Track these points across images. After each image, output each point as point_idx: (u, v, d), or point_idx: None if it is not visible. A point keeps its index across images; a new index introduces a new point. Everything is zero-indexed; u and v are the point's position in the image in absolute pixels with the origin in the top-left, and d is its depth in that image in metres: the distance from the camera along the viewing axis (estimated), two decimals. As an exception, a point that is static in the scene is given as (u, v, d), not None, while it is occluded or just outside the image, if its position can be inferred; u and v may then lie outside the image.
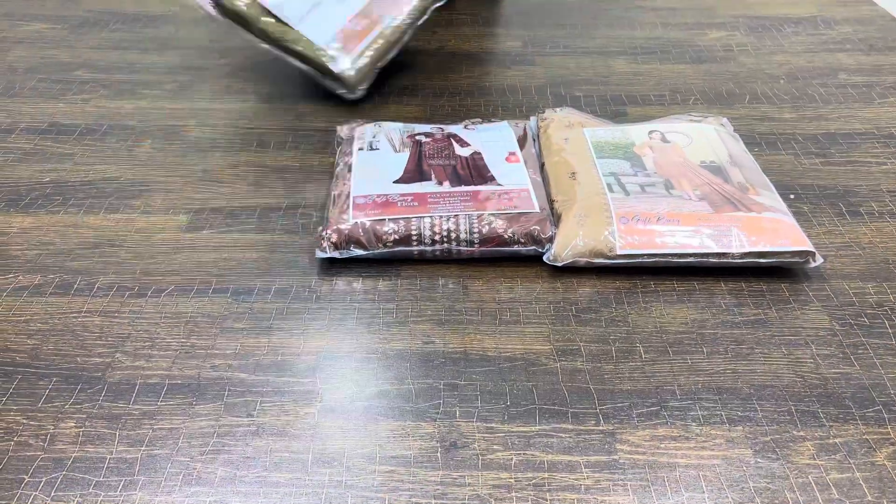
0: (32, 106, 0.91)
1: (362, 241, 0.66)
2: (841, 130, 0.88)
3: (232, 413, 0.54)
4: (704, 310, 0.63)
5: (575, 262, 0.65)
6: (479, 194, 0.70)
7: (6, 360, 0.57)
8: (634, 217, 0.66)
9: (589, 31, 1.13)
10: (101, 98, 0.93)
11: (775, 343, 0.60)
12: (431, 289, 0.65)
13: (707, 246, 0.65)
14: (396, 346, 0.59)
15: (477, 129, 0.81)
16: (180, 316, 0.62)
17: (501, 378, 0.56)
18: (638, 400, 0.55)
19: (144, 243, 0.69)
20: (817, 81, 0.98)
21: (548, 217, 0.68)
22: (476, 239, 0.67)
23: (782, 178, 0.79)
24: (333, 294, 0.64)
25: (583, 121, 0.82)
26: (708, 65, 1.03)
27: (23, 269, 0.66)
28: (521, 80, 0.99)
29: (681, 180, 0.71)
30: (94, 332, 0.60)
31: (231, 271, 0.66)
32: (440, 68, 1.02)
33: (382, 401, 0.55)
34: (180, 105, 0.91)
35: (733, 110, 0.92)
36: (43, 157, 0.81)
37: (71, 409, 0.54)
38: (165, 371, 0.57)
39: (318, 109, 0.91)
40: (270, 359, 0.58)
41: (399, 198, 0.69)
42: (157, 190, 0.76)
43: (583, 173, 0.73)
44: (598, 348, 0.59)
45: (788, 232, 0.66)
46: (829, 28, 1.13)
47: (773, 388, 0.56)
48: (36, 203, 0.74)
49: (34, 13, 1.14)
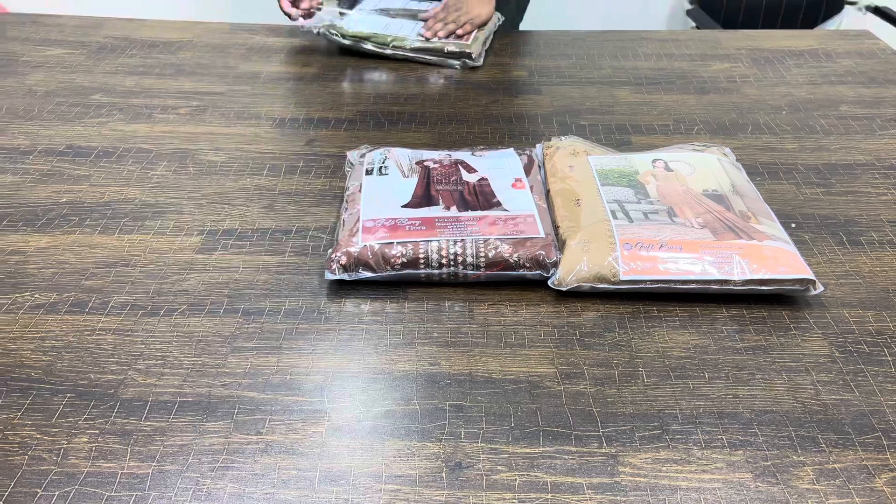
0: (51, 129, 0.93)
1: (371, 263, 0.68)
2: (842, 161, 0.89)
3: (241, 431, 0.55)
4: (706, 335, 0.64)
5: (579, 286, 0.67)
6: (486, 219, 0.71)
7: (22, 375, 0.59)
8: (638, 243, 0.68)
9: (594, 61, 1.15)
10: (118, 122, 0.95)
11: (776, 369, 0.61)
12: (438, 311, 0.66)
13: (709, 273, 0.66)
14: (403, 367, 0.61)
15: (484, 155, 0.83)
16: (192, 335, 0.63)
17: (506, 400, 0.57)
18: (640, 423, 0.56)
19: (158, 263, 0.71)
20: (818, 113, 1.00)
21: (553, 242, 0.70)
22: (482, 263, 0.68)
23: (784, 208, 0.80)
24: (342, 315, 0.66)
25: (588, 149, 0.84)
26: (711, 95, 1.05)
27: (39, 287, 0.68)
28: (528, 109, 1.01)
29: (683, 208, 0.73)
30: (108, 350, 0.61)
31: (242, 292, 0.68)
32: (448, 96, 1.04)
33: (389, 421, 0.56)
34: (194, 129, 0.94)
35: (736, 140, 0.93)
36: (60, 178, 0.83)
37: (84, 424, 0.55)
38: (177, 388, 0.58)
39: (329, 135, 0.93)
40: (279, 378, 0.59)
41: (407, 222, 0.71)
42: (171, 212, 0.78)
43: (587, 200, 0.74)
44: (602, 372, 0.60)
45: (789, 260, 0.67)
46: (830, 61, 1.15)
47: (774, 413, 0.57)
48: (53, 223, 0.76)
49: (54, 38, 1.17)
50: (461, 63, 1.13)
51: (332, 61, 1.13)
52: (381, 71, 1.11)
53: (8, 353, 0.61)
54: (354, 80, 1.08)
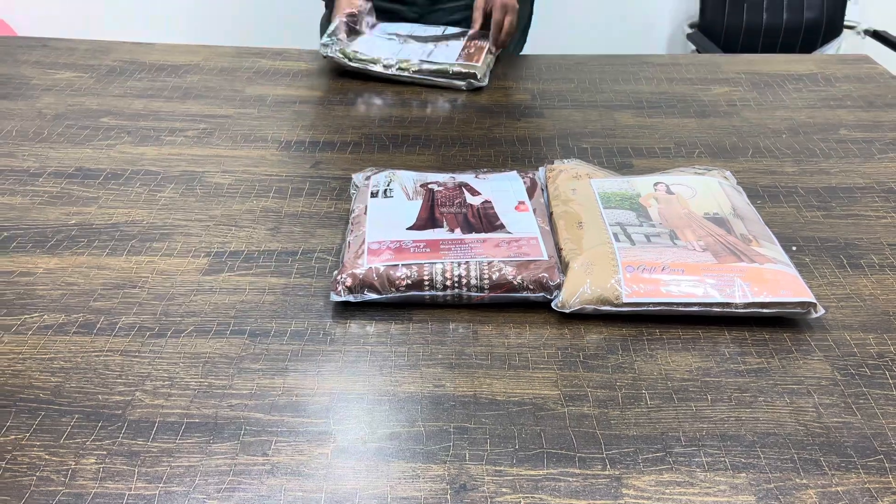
0: (60, 151, 0.94)
1: (376, 285, 0.69)
2: (842, 184, 0.90)
3: (248, 452, 0.55)
4: (708, 358, 0.64)
5: (582, 309, 0.67)
6: (490, 241, 0.72)
7: (30, 396, 0.59)
8: (640, 266, 0.68)
9: (596, 85, 1.16)
10: (126, 144, 0.96)
11: (778, 392, 0.61)
12: (442, 333, 0.67)
13: (711, 295, 0.67)
14: (408, 388, 0.61)
15: (487, 178, 0.84)
16: (199, 356, 0.64)
17: (510, 422, 0.58)
18: (644, 445, 0.56)
19: (165, 285, 0.72)
20: (818, 136, 1.01)
21: (556, 265, 0.70)
22: (486, 285, 0.69)
23: (784, 230, 0.81)
24: (347, 337, 0.66)
25: (590, 172, 0.85)
26: (712, 119, 1.06)
27: (48, 308, 0.68)
28: (531, 132, 1.02)
29: (685, 231, 0.73)
30: (116, 371, 0.62)
31: (248, 313, 0.68)
32: (452, 119, 1.05)
33: (394, 442, 0.56)
34: (201, 152, 0.95)
35: (737, 163, 0.94)
36: (69, 200, 0.84)
37: (92, 445, 0.55)
38: (184, 410, 0.58)
39: (334, 158, 0.95)
40: (285, 399, 0.60)
41: (412, 244, 0.72)
42: (178, 233, 0.79)
43: (590, 223, 0.75)
44: (605, 394, 0.61)
45: (790, 283, 0.68)
46: (829, 85, 1.17)
47: (777, 435, 0.57)
48: (61, 245, 0.77)
49: (64, 62, 1.19)
50: (466, 84, 1.13)
51: (337, 84, 1.15)
52: (385, 94, 1.12)
53: (17, 374, 0.61)
54: (360, 103, 1.10)
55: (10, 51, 1.22)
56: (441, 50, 1.19)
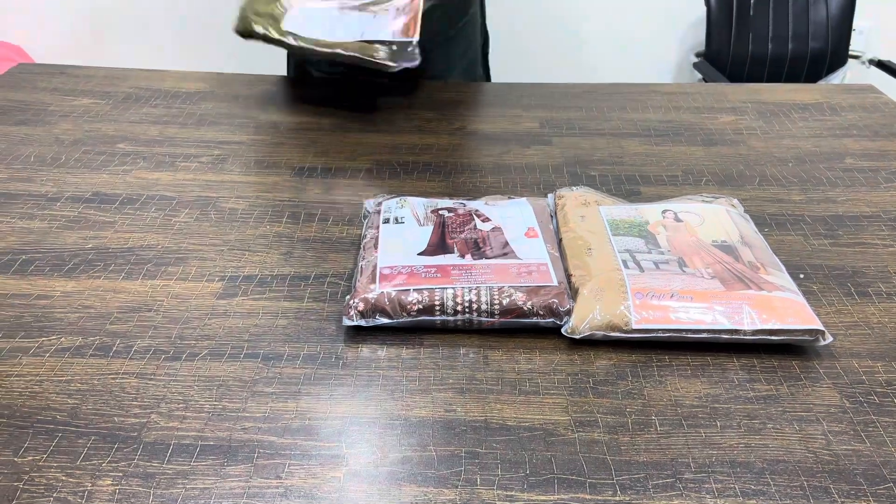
0: (77, 176, 0.96)
1: (387, 310, 0.70)
2: (848, 213, 0.91)
3: (261, 475, 0.56)
4: (717, 384, 0.65)
5: (592, 334, 0.68)
6: (500, 267, 0.73)
7: (48, 418, 0.60)
8: (649, 293, 0.69)
9: (603, 113, 1.18)
10: (142, 170, 0.98)
11: (787, 419, 0.61)
12: (453, 358, 0.68)
13: (719, 322, 0.67)
14: (419, 413, 0.62)
15: (497, 204, 0.85)
16: (213, 379, 0.65)
17: (521, 447, 0.58)
18: (654, 471, 0.57)
19: (180, 308, 0.73)
20: (824, 165, 1.02)
21: (566, 291, 0.71)
22: (496, 310, 0.70)
23: (792, 258, 0.81)
24: (359, 361, 0.67)
25: (598, 199, 0.86)
26: (719, 147, 1.07)
27: (65, 331, 0.69)
28: (539, 159, 1.04)
29: (693, 258, 0.74)
30: (131, 393, 0.63)
31: (262, 337, 0.69)
32: (462, 147, 1.07)
33: (406, 466, 0.57)
34: (216, 177, 0.97)
35: (744, 191, 0.96)
36: (86, 224, 0.86)
37: (108, 467, 0.56)
38: (198, 432, 0.59)
39: (346, 184, 0.96)
40: (298, 422, 0.60)
41: (423, 269, 0.73)
42: (193, 258, 0.80)
43: (599, 249, 0.76)
44: (615, 420, 0.61)
45: (798, 311, 0.68)
46: (835, 114, 1.18)
47: (786, 462, 0.57)
48: (78, 268, 0.78)
49: (82, 89, 1.21)
50: (388, 51, 1.04)
51: (349, 112, 1.17)
52: (396, 122, 1.14)
53: (34, 396, 0.62)
54: (371, 130, 1.11)
55: (30, 78, 1.25)
56: (379, 20, 1.06)
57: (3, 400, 0.62)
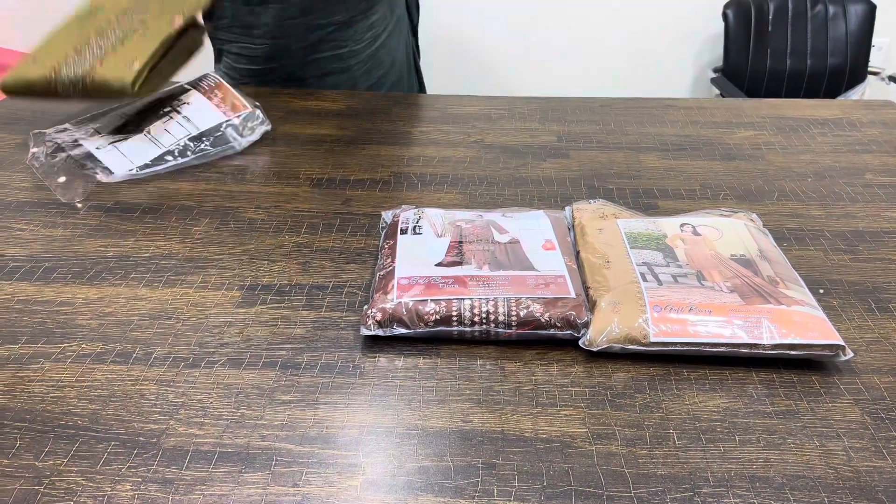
0: (99, 185, 0.97)
1: (405, 320, 0.70)
2: (868, 228, 0.90)
3: (279, 482, 0.56)
4: (736, 399, 0.65)
5: (610, 347, 0.68)
6: (517, 279, 0.73)
7: (69, 423, 0.61)
8: (667, 306, 0.69)
9: (621, 127, 1.18)
10: (163, 180, 0.99)
11: (807, 434, 0.61)
12: (470, 369, 0.68)
13: (738, 336, 0.67)
14: (436, 423, 0.62)
15: (515, 216, 0.85)
16: (231, 387, 0.65)
17: (538, 459, 0.58)
18: (672, 485, 0.56)
19: (199, 317, 0.73)
20: (844, 181, 1.02)
21: (583, 303, 0.71)
22: (514, 322, 0.70)
23: (811, 273, 0.81)
24: (376, 370, 0.67)
25: (616, 212, 0.86)
26: (737, 162, 1.07)
27: (87, 337, 0.70)
28: (556, 172, 1.04)
29: (712, 272, 0.74)
30: (151, 400, 0.63)
31: (280, 345, 0.70)
32: (479, 159, 1.07)
33: (422, 476, 0.57)
34: (236, 188, 0.98)
35: (762, 206, 0.95)
36: (108, 233, 0.87)
37: (127, 472, 0.56)
38: (216, 439, 0.60)
39: (364, 195, 0.97)
40: (316, 431, 0.61)
41: (441, 280, 0.73)
42: (213, 267, 0.81)
43: (617, 262, 0.76)
44: (633, 433, 0.61)
45: (818, 325, 0.68)
46: (854, 130, 1.18)
47: (806, 478, 0.57)
48: (100, 276, 0.79)
49: (104, 100, 1.23)
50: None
51: (367, 125, 1.18)
52: (412, 135, 1.15)
53: (56, 401, 0.63)
54: (388, 143, 1.12)
55: (54, 89, 1.27)
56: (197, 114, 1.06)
57: (25, 405, 0.63)
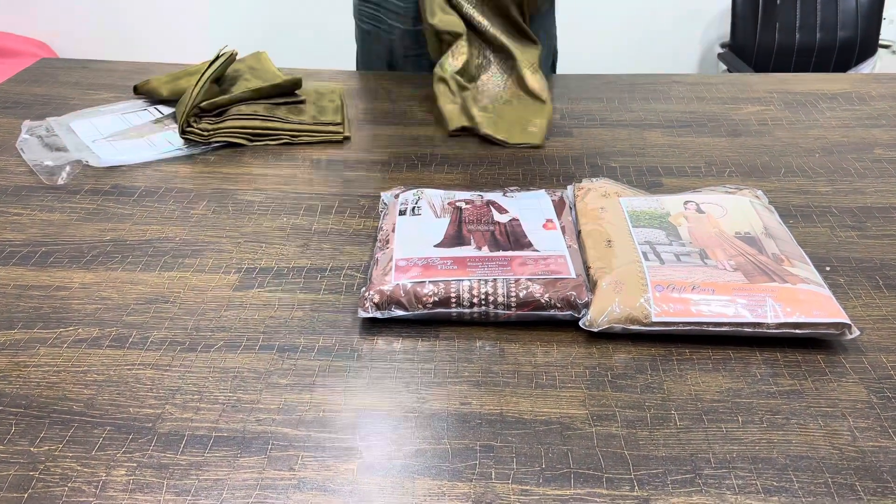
0: (96, 169, 0.96)
1: (403, 302, 0.69)
2: (877, 204, 0.88)
3: (274, 467, 0.55)
4: (739, 379, 0.63)
5: (611, 328, 0.67)
6: (517, 259, 0.72)
7: (64, 408, 0.60)
8: (670, 285, 0.68)
9: (625, 104, 1.16)
10: (160, 163, 0.98)
11: (811, 414, 0.60)
12: (469, 350, 0.67)
13: (742, 315, 0.66)
14: (434, 406, 0.61)
15: (515, 196, 0.84)
16: (228, 371, 0.64)
17: (537, 441, 0.57)
18: (673, 467, 0.55)
19: (196, 300, 0.73)
20: (852, 156, 1.00)
21: (584, 283, 0.70)
22: (513, 303, 0.69)
23: (818, 251, 0.79)
24: (374, 353, 0.67)
25: (619, 190, 0.84)
26: (743, 138, 1.05)
27: (83, 322, 0.70)
28: (559, 151, 1.02)
29: (715, 250, 0.73)
30: (147, 385, 0.63)
31: (277, 329, 0.69)
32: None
33: (420, 459, 0.56)
34: (233, 170, 0.97)
35: (769, 183, 0.93)
36: (105, 216, 0.86)
37: (122, 457, 0.56)
38: (212, 424, 0.59)
39: (363, 177, 0.95)
40: (312, 415, 0.60)
41: (439, 261, 0.72)
42: (210, 250, 0.80)
43: (619, 242, 0.75)
44: (634, 414, 0.60)
45: (824, 304, 0.66)
46: (863, 104, 1.15)
47: (810, 459, 0.56)
48: (96, 260, 0.79)
49: (102, 83, 1.22)
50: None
51: (366, 105, 1.16)
52: (413, 116, 1.13)
53: (51, 387, 0.63)
54: (387, 123, 1.11)
55: (52, 72, 1.26)
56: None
57: (20, 390, 0.62)
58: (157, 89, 1.13)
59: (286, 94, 1.09)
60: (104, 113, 1.10)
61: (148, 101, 1.14)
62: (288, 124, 1.04)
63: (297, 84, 1.10)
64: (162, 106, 1.13)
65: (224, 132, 1.01)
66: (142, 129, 1.06)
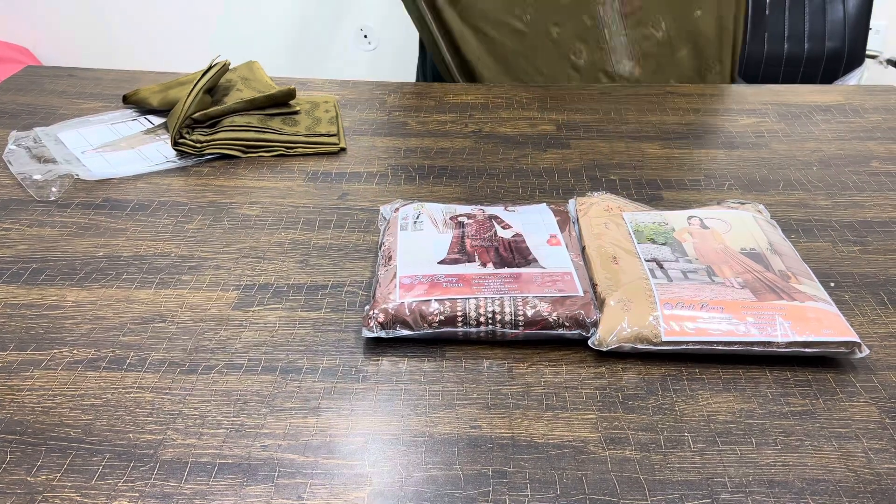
0: (88, 182, 0.94)
1: (408, 321, 0.68)
2: (877, 218, 0.89)
3: (282, 495, 0.54)
4: (751, 399, 0.63)
5: (620, 347, 0.66)
6: (523, 276, 0.71)
7: (61, 434, 0.58)
8: (678, 303, 0.67)
9: (621, 115, 1.16)
10: (153, 175, 0.96)
11: (825, 435, 0.59)
12: (476, 371, 0.66)
13: (751, 334, 0.65)
14: (443, 429, 0.60)
15: (517, 210, 0.83)
16: (230, 394, 0.63)
17: (550, 466, 0.56)
18: (689, 491, 0.54)
19: (194, 319, 0.71)
20: (850, 169, 1.00)
21: (592, 301, 0.69)
22: (521, 321, 0.67)
23: (820, 266, 0.79)
24: (380, 374, 0.65)
25: (622, 205, 0.84)
26: (740, 150, 1.05)
27: (77, 343, 0.68)
28: (557, 163, 1.01)
29: (722, 267, 0.72)
30: (147, 409, 0.61)
31: (279, 349, 0.67)
32: (477, 150, 1.05)
33: (431, 486, 0.55)
34: (227, 183, 0.95)
35: (768, 196, 0.93)
36: (97, 231, 0.84)
37: (124, 486, 0.54)
38: (216, 450, 0.57)
39: (361, 189, 0.94)
40: (319, 439, 0.58)
41: (444, 279, 0.71)
42: (207, 266, 0.78)
43: (624, 258, 0.74)
44: (647, 437, 0.59)
45: (833, 322, 0.66)
46: (858, 116, 1.16)
47: (826, 482, 0.55)
48: (90, 277, 0.76)
49: (90, 92, 1.19)
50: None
51: (361, 115, 1.15)
52: (409, 126, 1.12)
53: (47, 412, 0.60)
54: (384, 134, 1.09)
55: (37, 80, 1.23)
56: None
57: (15, 416, 0.60)
58: (147, 99, 1.11)
59: (280, 104, 1.08)
60: (93, 123, 1.07)
61: (137, 111, 1.12)
62: (283, 136, 1.02)
63: (290, 94, 1.08)
64: (152, 116, 1.10)
65: (217, 144, 1.00)
66: (132, 140, 1.04)
